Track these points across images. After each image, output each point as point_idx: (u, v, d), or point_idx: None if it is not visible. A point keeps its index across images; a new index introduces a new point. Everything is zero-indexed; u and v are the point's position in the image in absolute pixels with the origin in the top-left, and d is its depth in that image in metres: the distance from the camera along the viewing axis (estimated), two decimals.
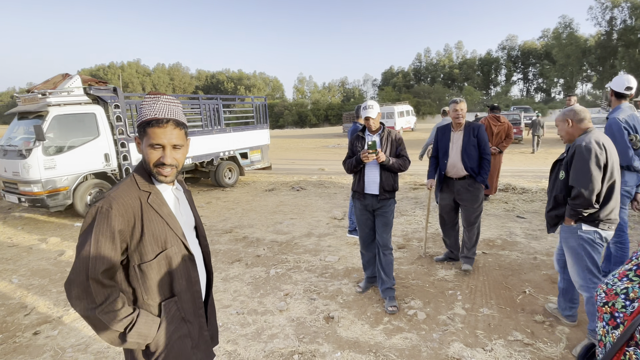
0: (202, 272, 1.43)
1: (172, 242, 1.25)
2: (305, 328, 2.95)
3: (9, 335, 3.07)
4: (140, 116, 1.22)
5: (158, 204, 1.24)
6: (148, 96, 1.24)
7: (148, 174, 1.26)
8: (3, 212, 7.48)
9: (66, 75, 7.09)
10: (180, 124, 1.24)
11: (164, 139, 1.20)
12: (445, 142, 3.75)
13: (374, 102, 3.13)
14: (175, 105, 1.25)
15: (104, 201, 1.15)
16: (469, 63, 69.25)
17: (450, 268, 3.89)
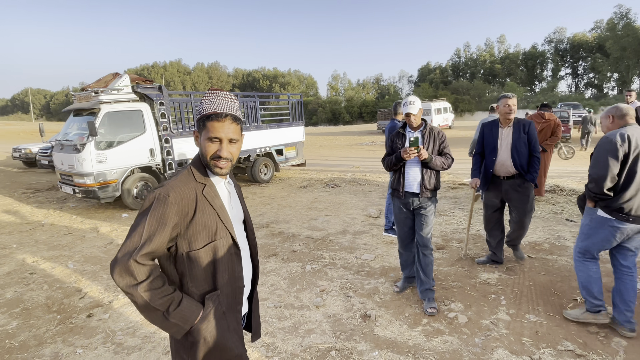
0: (248, 266, 1.46)
1: (221, 234, 1.29)
2: (342, 325, 2.95)
3: (66, 316, 3.31)
4: (200, 110, 1.27)
5: (211, 196, 1.28)
6: (209, 92, 1.28)
7: (204, 167, 1.31)
8: (60, 202, 8.05)
9: (116, 74, 7.49)
10: (237, 119, 1.28)
11: (222, 133, 1.24)
12: (492, 139, 3.60)
13: (415, 98, 3.05)
14: (233, 102, 1.29)
15: (163, 189, 1.20)
16: (512, 58, 65.98)
17: (493, 271, 3.74)
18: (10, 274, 4.27)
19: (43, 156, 12.10)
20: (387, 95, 72.92)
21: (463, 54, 73.01)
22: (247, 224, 1.49)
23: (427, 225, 3.09)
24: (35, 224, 6.37)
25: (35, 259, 4.74)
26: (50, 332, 3.05)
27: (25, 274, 4.25)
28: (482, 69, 68.88)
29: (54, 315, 3.34)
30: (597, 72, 58.47)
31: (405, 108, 3.03)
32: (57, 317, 3.31)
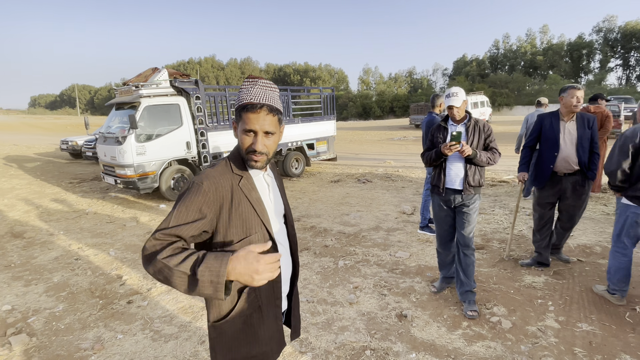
0: (287, 261, 1.40)
1: (256, 229, 1.23)
2: (376, 324, 2.86)
3: (108, 302, 3.44)
4: (237, 100, 1.21)
5: (248, 189, 1.23)
6: (247, 80, 1.22)
7: (241, 159, 1.26)
8: (102, 192, 8.45)
9: (155, 69, 7.71)
10: (274, 110, 1.19)
11: (256, 125, 1.17)
12: (553, 133, 3.33)
13: (459, 89, 2.88)
14: (272, 90, 1.22)
15: (199, 177, 1.18)
16: (555, 49, 62.26)
17: (539, 274, 3.51)
18: (57, 259, 4.50)
19: (88, 148, 12.74)
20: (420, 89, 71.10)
21: (502, 46, 69.81)
22: (288, 218, 1.43)
23: (470, 223, 2.93)
24: (80, 212, 6.71)
25: (79, 245, 4.98)
26: (93, 317, 3.17)
27: (71, 260, 4.46)
28: (522, 61, 65.57)
29: (97, 300, 3.48)
30: None
31: (447, 100, 2.87)
32: (99, 302, 3.44)
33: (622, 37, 58.10)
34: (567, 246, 4.12)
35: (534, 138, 3.52)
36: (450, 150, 2.77)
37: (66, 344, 2.79)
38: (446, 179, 2.95)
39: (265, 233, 1.26)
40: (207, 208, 1.15)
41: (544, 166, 3.40)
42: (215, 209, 1.17)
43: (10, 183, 9.19)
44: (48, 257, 4.56)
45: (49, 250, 4.80)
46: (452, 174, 2.92)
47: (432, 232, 4.68)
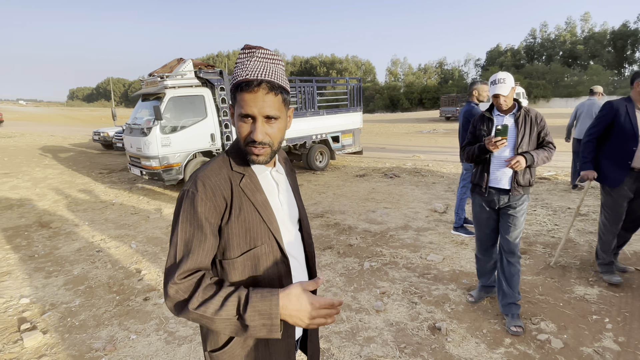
0: (303, 277, 1.14)
1: (262, 239, 0.99)
2: (406, 336, 2.59)
3: (125, 298, 3.34)
4: (232, 78, 0.97)
5: (251, 189, 1.00)
6: (242, 51, 0.96)
7: (242, 152, 1.02)
8: (130, 182, 8.54)
9: (180, 60, 7.64)
10: (276, 88, 0.93)
11: (254, 108, 0.92)
12: (631, 124, 2.87)
13: (507, 75, 2.52)
14: (273, 62, 0.95)
15: (189, 183, 0.96)
16: (597, 37, 58.44)
17: (592, 285, 3.11)
18: (80, 251, 4.49)
19: (118, 139, 13.04)
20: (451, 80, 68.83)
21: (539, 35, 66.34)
22: (303, 224, 1.17)
23: (516, 227, 2.58)
24: (107, 202, 6.76)
25: (102, 237, 4.96)
26: (109, 314, 3.07)
27: (93, 252, 4.44)
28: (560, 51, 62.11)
29: (114, 296, 3.39)
30: None
31: (493, 88, 2.51)
32: (116, 297, 3.35)
33: None
34: (622, 253, 3.66)
35: (601, 129, 3.04)
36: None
37: (78, 343, 2.69)
38: (490, 177, 2.61)
39: (274, 244, 1.01)
40: (214, 217, 0.94)
41: (621, 161, 2.93)
42: (218, 216, 0.95)
43: (44, 173, 9.47)
44: (71, 249, 4.56)
45: (72, 242, 4.80)
46: (497, 171, 2.57)
47: (467, 234, 4.32)
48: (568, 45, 60.97)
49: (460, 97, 27.99)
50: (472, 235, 4.30)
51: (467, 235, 4.31)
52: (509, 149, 2.53)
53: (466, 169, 4.37)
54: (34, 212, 6.15)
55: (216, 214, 0.94)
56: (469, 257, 3.80)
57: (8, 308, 3.20)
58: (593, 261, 3.52)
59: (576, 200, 5.47)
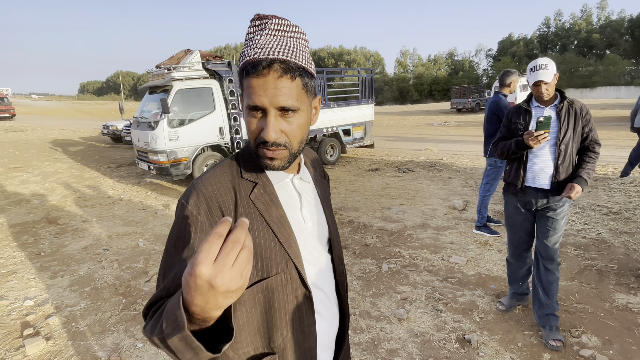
0: (332, 315, 0.90)
1: (279, 267, 0.76)
2: (433, 349, 2.38)
3: (131, 301, 3.18)
4: (240, 59, 0.75)
5: (265, 203, 0.78)
6: (252, 22, 0.74)
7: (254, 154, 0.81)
8: (138, 177, 8.42)
9: (188, 51, 7.43)
10: (292, 69, 0.70)
11: (263, 97, 0.69)
12: None
13: (548, 60, 2.24)
14: (291, 36, 0.73)
15: (188, 190, 0.77)
16: (614, 26, 56.47)
17: (634, 292, 2.85)
18: (86, 249, 4.35)
19: (127, 133, 12.96)
20: (462, 72, 67.54)
21: (553, 24, 64.53)
22: (334, 246, 0.93)
23: (556, 231, 2.34)
24: (115, 198, 6.64)
25: (110, 234, 4.83)
26: (115, 318, 2.92)
27: (100, 250, 4.30)
28: (575, 40, 60.35)
29: (120, 298, 3.23)
30: None
31: (534, 75, 2.24)
32: (122, 300, 3.19)
33: None
34: None
35: None
36: (538, 141, 2.16)
37: (82, 351, 2.53)
38: (527, 175, 2.36)
39: (294, 273, 0.78)
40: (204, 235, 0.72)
41: None
42: None
43: (54, 167, 9.41)
44: (78, 246, 4.43)
45: (79, 239, 4.67)
46: (536, 168, 2.32)
47: (490, 233, 4.07)
48: (583, 34, 59.17)
49: (472, 89, 27.39)
50: (496, 235, 4.05)
51: (491, 235, 4.06)
52: (550, 145, 2.28)
53: (490, 164, 4.10)
54: (42, 207, 6.06)
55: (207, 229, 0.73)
56: (495, 259, 3.56)
57: (12, 311, 3.07)
58: (632, 265, 3.26)
59: (604, 197, 5.16)
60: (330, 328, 0.90)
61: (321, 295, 0.86)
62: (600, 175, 6.28)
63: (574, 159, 2.29)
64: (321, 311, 0.86)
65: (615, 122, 15.43)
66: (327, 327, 0.89)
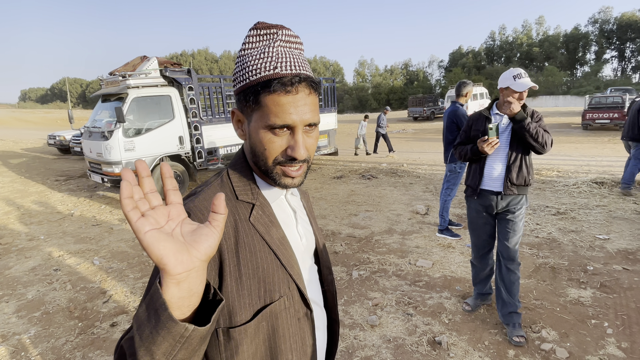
0: (324, 324, 0.90)
1: (282, 290, 0.73)
2: (406, 354, 2.42)
3: (88, 325, 2.96)
4: (244, 72, 0.70)
5: (265, 224, 0.74)
6: (255, 31, 0.70)
7: (250, 171, 0.77)
8: (90, 190, 7.91)
9: (144, 58, 7.14)
10: (316, 85, 0.71)
11: (294, 115, 0.67)
12: None
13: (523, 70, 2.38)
14: (299, 49, 0.73)
15: None
16: (552, 40, 61.80)
17: (584, 287, 3.08)
18: (35, 270, 4.00)
19: (76, 143, 12.16)
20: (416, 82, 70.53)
21: (498, 37, 69.28)
22: (322, 256, 0.92)
23: (516, 233, 2.48)
24: (65, 213, 6.18)
25: (61, 252, 4.47)
26: (70, 345, 2.69)
27: (50, 271, 3.97)
28: (518, 53, 65.15)
29: (75, 322, 2.99)
30: None
31: (519, 83, 2.29)
32: (78, 324, 2.96)
33: (617, 28, 57.87)
34: (606, 251, 3.70)
35: None
36: (491, 146, 2.31)
37: None
38: (484, 179, 2.50)
39: (296, 294, 0.76)
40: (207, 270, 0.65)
41: None
42: (215, 268, 0.67)
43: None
44: (24, 268, 4.06)
45: (25, 259, 4.29)
46: (494, 172, 2.46)
47: (452, 236, 4.24)
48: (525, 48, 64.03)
49: (427, 98, 28.64)
50: (457, 237, 4.23)
51: (453, 237, 4.23)
52: (504, 150, 2.43)
53: (450, 170, 4.29)
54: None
55: (210, 265, 0.66)
56: (458, 261, 3.71)
57: None
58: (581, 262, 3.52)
59: (552, 199, 5.57)
60: (324, 338, 0.89)
61: (317, 310, 0.85)
62: (547, 179, 6.77)
63: (527, 159, 2.44)
64: (319, 325, 0.85)
65: (557, 128, 16.76)
66: (322, 338, 0.88)
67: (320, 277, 0.92)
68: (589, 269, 3.37)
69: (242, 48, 0.71)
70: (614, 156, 9.37)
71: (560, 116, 22.36)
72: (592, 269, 3.36)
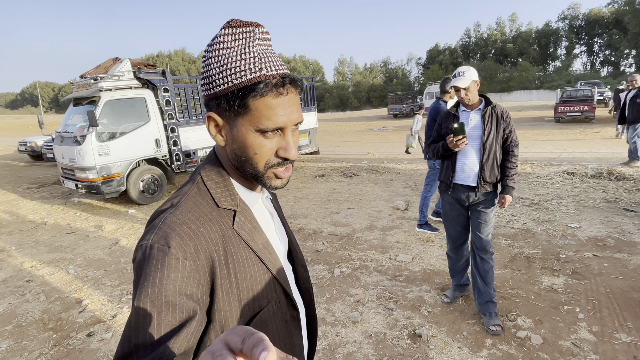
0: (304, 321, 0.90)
1: (269, 296, 0.73)
2: (387, 348, 2.44)
3: (63, 336, 2.87)
4: (223, 74, 0.65)
5: (248, 231, 0.72)
6: (230, 29, 0.66)
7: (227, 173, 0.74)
8: (64, 197, 7.66)
9: (116, 60, 6.95)
10: (300, 83, 0.70)
11: (285, 117, 0.67)
12: None
13: (468, 68, 2.45)
14: (272, 49, 0.71)
15: (156, 234, 0.62)
16: (524, 36, 63.60)
17: (557, 274, 3.19)
18: (5, 282, 3.85)
19: (48, 149, 11.75)
20: (395, 79, 71.33)
21: (473, 34, 70.79)
22: (296, 255, 0.91)
23: (487, 224, 2.55)
24: (37, 222, 5.97)
25: (34, 262, 4.32)
26: (44, 358, 2.60)
27: (22, 282, 3.82)
28: (493, 49, 66.73)
29: (50, 334, 2.89)
30: (614, 49, 56.20)
31: (453, 81, 2.45)
32: (52, 336, 2.86)
33: (586, 24, 60.06)
34: (577, 239, 3.84)
35: None
36: (457, 145, 2.38)
37: None
38: (456, 173, 2.55)
39: (282, 298, 0.76)
40: (195, 288, 0.61)
41: None
42: (206, 285, 0.64)
43: None
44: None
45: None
46: (464, 167, 2.52)
47: (431, 230, 4.31)
48: (499, 44, 65.62)
49: (406, 95, 28.99)
50: (436, 231, 4.30)
51: (432, 232, 4.30)
52: (475, 146, 2.49)
53: (430, 167, 4.35)
54: None
55: (201, 282, 0.63)
56: (437, 254, 3.77)
57: None
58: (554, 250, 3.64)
59: (526, 190, 5.74)
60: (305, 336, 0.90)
61: (300, 308, 0.85)
62: (521, 171, 6.97)
63: (498, 158, 2.51)
64: (303, 324, 0.85)
65: (531, 122, 17.27)
66: (305, 335, 0.88)
67: (295, 275, 0.93)
68: (562, 257, 3.49)
69: (215, 48, 0.67)
70: (585, 147, 9.73)
71: (534, 110, 23.03)
72: (565, 257, 3.48)
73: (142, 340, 0.57)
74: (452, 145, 2.42)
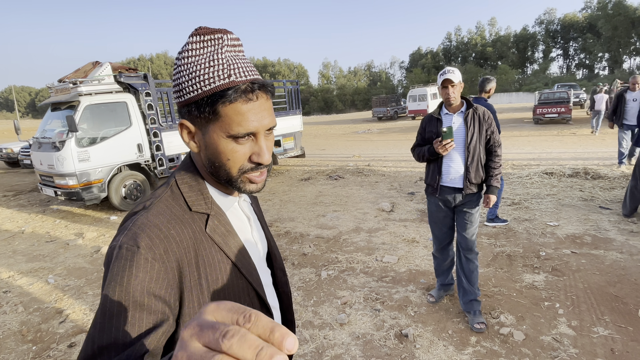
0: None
1: (242, 300, 0.73)
2: (374, 348, 2.46)
3: (43, 347, 2.78)
4: (193, 81, 0.66)
5: (222, 234, 0.72)
6: (198, 37, 0.67)
7: (201, 178, 0.74)
8: (43, 204, 7.44)
9: (96, 64, 6.82)
10: (271, 88, 0.71)
11: (256, 122, 0.67)
12: None
13: (455, 68, 2.50)
14: (243, 54, 0.71)
15: (126, 235, 0.62)
16: (503, 40, 65.34)
17: (538, 272, 3.28)
18: None
19: (25, 155, 11.39)
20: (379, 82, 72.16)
21: (454, 38, 72.22)
22: (275, 259, 0.92)
23: (473, 224, 2.60)
24: (14, 231, 5.78)
25: (11, 273, 4.18)
26: None
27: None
28: (473, 53, 68.25)
29: (29, 346, 2.81)
30: (588, 53, 58.28)
31: (442, 76, 2.46)
32: (32, 348, 2.78)
33: (561, 28, 62.11)
34: (556, 237, 3.96)
35: None
36: (445, 149, 2.43)
37: None
38: (442, 176, 2.60)
39: (256, 302, 0.76)
40: (164, 290, 0.61)
41: None
42: (175, 288, 0.64)
43: None
44: None
45: None
46: (450, 170, 2.57)
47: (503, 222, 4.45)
48: (479, 48, 67.18)
49: (390, 98, 29.33)
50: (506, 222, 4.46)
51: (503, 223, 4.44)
52: (460, 148, 2.54)
53: None
54: None
55: (170, 284, 0.62)
56: (422, 254, 3.83)
57: None
58: (534, 248, 3.75)
59: (507, 190, 5.88)
60: None
61: (275, 313, 0.86)
62: (503, 172, 7.13)
63: (482, 159, 2.57)
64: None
65: (511, 123, 17.70)
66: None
67: (274, 280, 0.93)
68: (542, 254, 3.59)
69: (184, 55, 0.67)
70: (562, 148, 10.03)
71: (513, 112, 23.63)
72: (545, 254, 3.58)
73: (106, 341, 0.55)
74: (442, 149, 2.45)
